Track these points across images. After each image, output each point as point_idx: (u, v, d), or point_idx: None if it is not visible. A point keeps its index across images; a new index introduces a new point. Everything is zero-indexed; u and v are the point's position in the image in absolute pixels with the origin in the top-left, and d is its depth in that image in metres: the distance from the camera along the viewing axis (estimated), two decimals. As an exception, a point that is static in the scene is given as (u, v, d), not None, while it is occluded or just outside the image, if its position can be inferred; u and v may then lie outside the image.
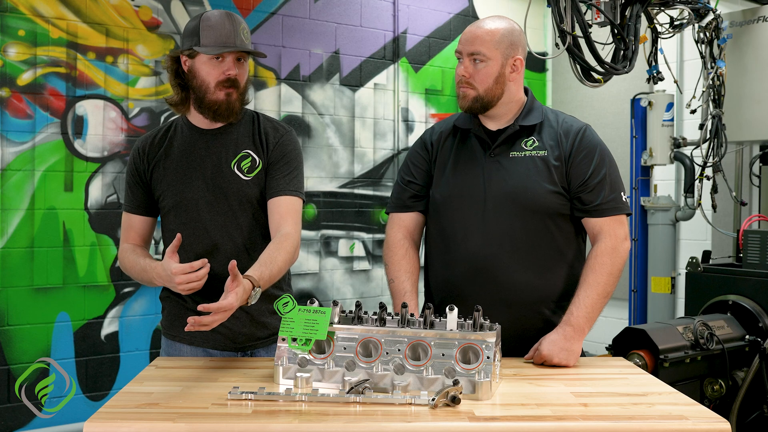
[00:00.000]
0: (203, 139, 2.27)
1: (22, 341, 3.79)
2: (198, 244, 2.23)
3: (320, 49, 4.76)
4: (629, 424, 1.60)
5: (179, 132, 2.29)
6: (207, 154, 2.25)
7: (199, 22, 2.17)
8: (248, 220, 2.25)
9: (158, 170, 2.26)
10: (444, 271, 2.28)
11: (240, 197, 2.23)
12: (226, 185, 2.23)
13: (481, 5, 5.38)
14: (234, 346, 2.26)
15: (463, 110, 2.26)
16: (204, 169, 2.24)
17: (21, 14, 3.78)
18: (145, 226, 2.32)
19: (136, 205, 2.30)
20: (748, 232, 3.68)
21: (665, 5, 3.92)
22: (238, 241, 2.23)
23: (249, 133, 2.29)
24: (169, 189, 2.25)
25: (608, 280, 2.15)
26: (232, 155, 2.25)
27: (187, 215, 2.23)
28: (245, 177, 2.24)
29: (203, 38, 2.15)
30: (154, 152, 2.28)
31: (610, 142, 2.97)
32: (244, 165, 2.25)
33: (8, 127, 3.76)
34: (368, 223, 4.97)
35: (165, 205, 2.27)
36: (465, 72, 2.21)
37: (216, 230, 2.23)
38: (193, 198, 2.23)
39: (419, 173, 2.35)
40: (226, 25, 2.15)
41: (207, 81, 2.17)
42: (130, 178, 2.31)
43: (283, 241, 2.13)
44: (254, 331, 2.26)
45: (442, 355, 1.79)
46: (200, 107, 2.22)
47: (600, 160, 2.22)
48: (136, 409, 1.65)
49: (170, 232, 2.26)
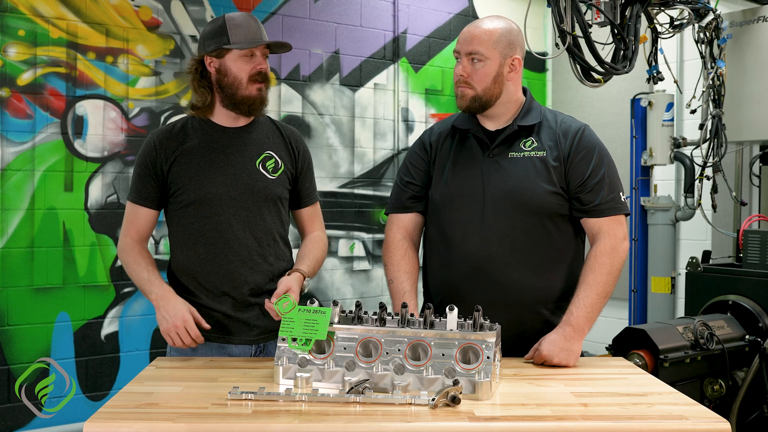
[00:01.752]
0: (225, 136, 2.33)
1: (22, 341, 3.79)
2: (219, 238, 2.27)
3: (320, 49, 4.76)
4: (629, 424, 1.60)
5: (198, 129, 2.33)
6: (231, 151, 2.31)
7: (224, 22, 2.26)
8: (270, 217, 2.33)
9: (178, 165, 2.29)
10: (443, 272, 2.28)
11: (265, 195, 2.32)
12: (252, 182, 2.30)
13: (481, 5, 5.38)
14: (249, 339, 2.31)
15: (461, 110, 2.26)
16: (228, 165, 2.29)
17: (21, 14, 3.78)
18: (149, 219, 2.34)
19: (145, 197, 2.32)
20: (748, 232, 3.67)
21: (665, 5, 3.92)
22: (258, 238, 2.31)
23: (271, 135, 2.39)
24: (190, 184, 2.27)
25: (607, 280, 2.15)
26: (256, 155, 2.33)
27: (209, 210, 2.27)
28: (271, 176, 2.34)
29: (233, 36, 2.24)
30: (173, 146, 2.30)
31: (610, 142, 2.98)
32: (269, 165, 2.34)
33: (8, 127, 3.76)
34: (368, 223, 4.97)
35: (183, 199, 2.29)
36: (463, 71, 2.21)
37: (238, 226, 2.28)
38: (217, 193, 2.27)
39: (418, 174, 2.35)
40: (251, 23, 2.28)
41: (240, 77, 2.26)
42: (142, 170, 2.31)
43: (317, 241, 2.43)
44: (267, 324, 2.30)
45: (442, 355, 1.79)
46: (233, 104, 2.29)
47: (599, 161, 2.22)
48: (136, 409, 1.65)
49: (186, 226, 2.30)
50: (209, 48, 2.28)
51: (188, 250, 2.30)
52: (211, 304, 2.28)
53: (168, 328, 2.17)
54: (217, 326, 2.27)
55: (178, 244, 2.34)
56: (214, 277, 2.28)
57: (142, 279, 2.28)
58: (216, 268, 2.28)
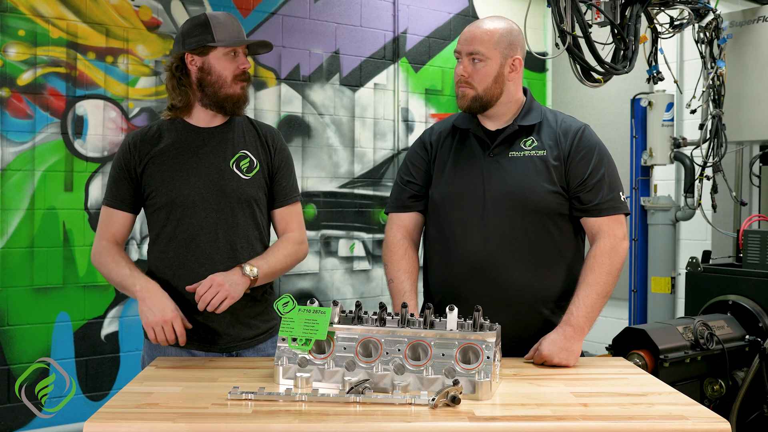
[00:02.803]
0: (199, 137, 2.28)
1: (22, 341, 3.79)
2: (190, 242, 2.23)
3: (320, 49, 4.76)
4: (629, 424, 1.60)
5: (172, 130, 2.29)
6: (204, 152, 2.26)
7: (207, 20, 2.22)
8: (244, 219, 2.26)
9: (151, 167, 2.25)
10: (443, 271, 2.28)
11: (239, 196, 2.25)
12: (225, 183, 2.24)
13: (481, 5, 5.38)
14: (218, 347, 2.26)
15: (462, 110, 2.26)
16: (201, 167, 2.25)
17: (21, 14, 3.78)
18: (125, 223, 2.29)
19: (120, 200, 2.27)
20: (748, 232, 3.67)
21: (665, 5, 3.92)
22: (231, 241, 2.24)
23: (247, 134, 2.32)
24: (162, 186, 2.23)
25: (607, 280, 2.15)
26: (230, 154, 2.28)
27: (181, 212, 2.23)
28: (244, 176, 2.27)
29: (218, 34, 2.20)
30: (147, 148, 2.26)
31: (610, 142, 2.97)
32: (243, 165, 2.27)
33: (8, 127, 3.76)
34: (368, 223, 4.97)
35: (156, 202, 2.25)
36: (464, 71, 2.21)
37: (209, 229, 2.23)
38: (189, 195, 2.22)
39: (418, 173, 2.35)
40: (234, 22, 2.25)
41: (224, 75, 2.22)
42: (116, 173, 2.28)
43: (285, 240, 2.32)
44: (239, 331, 2.26)
45: (442, 355, 1.79)
46: (214, 103, 2.25)
47: (599, 160, 2.22)
48: (136, 409, 1.65)
49: (159, 229, 2.26)
50: (191, 46, 2.22)
51: (160, 252, 2.25)
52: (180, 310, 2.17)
53: (154, 322, 2.09)
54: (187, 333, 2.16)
55: (152, 246, 2.29)
56: (183, 281, 2.20)
57: (123, 275, 2.19)
58: (185, 272, 2.21)
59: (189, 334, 2.17)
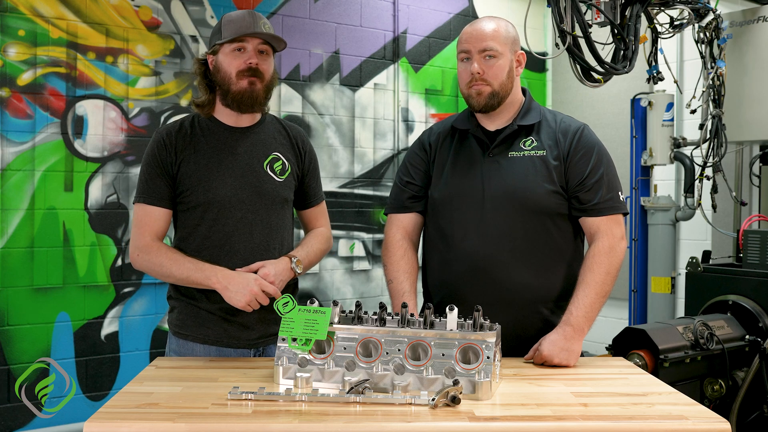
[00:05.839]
0: (232, 137, 2.29)
1: (22, 341, 3.79)
2: (224, 242, 2.24)
3: (320, 49, 4.76)
4: (629, 424, 1.60)
5: (205, 128, 2.30)
6: (238, 152, 2.28)
7: (222, 20, 2.26)
8: (277, 219, 2.30)
9: (187, 165, 2.24)
10: (443, 271, 2.28)
11: (273, 197, 2.29)
12: (260, 185, 2.27)
13: (481, 5, 5.38)
14: (248, 342, 2.27)
15: (477, 108, 2.24)
16: (237, 167, 2.26)
17: (21, 14, 3.78)
18: (166, 219, 2.26)
19: (159, 197, 2.24)
20: (748, 232, 3.68)
21: (665, 5, 3.92)
22: (265, 241, 2.27)
23: (277, 135, 2.36)
24: (199, 185, 2.23)
25: (606, 280, 2.15)
26: (263, 156, 2.30)
27: (216, 212, 2.23)
28: (278, 179, 2.31)
29: (225, 32, 2.23)
30: (182, 145, 2.25)
31: (610, 142, 2.97)
32: (276, 167, 2.31)
33: (8, 127, 3.76)
34: (368, 223, 4.97)
35: (191, 200, 2.24)
36: (479, 69, 2.19)
37: (244, 229, 2.24)
38: (225, 195, 2.23)
39: (418, 174, 2.35)
40: (246, 18, 2.24)
41: (229, 71, 2.23)
42: (152, 170, 2.24)
43: (318, 234, 2.43)
44: (267, 327, 2.27)
45: (442, 355, 1.79)
46: (225, 100, 2.26)
47: (597, 160, 2.22)
48: (136, 409, 1.65)
49: (191, 228, 2.26)
50: (209, 46, 2.29)
51: (192, 252, 2.23)
52: (210, 308, 2.23)
53: (247, 301, 2.10)
54: (217, 330, 2.24)
55: (181, 244, 2.28)
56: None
57: (188, 270, 2.16)
58: None
59: (218, 330, 2.23)
